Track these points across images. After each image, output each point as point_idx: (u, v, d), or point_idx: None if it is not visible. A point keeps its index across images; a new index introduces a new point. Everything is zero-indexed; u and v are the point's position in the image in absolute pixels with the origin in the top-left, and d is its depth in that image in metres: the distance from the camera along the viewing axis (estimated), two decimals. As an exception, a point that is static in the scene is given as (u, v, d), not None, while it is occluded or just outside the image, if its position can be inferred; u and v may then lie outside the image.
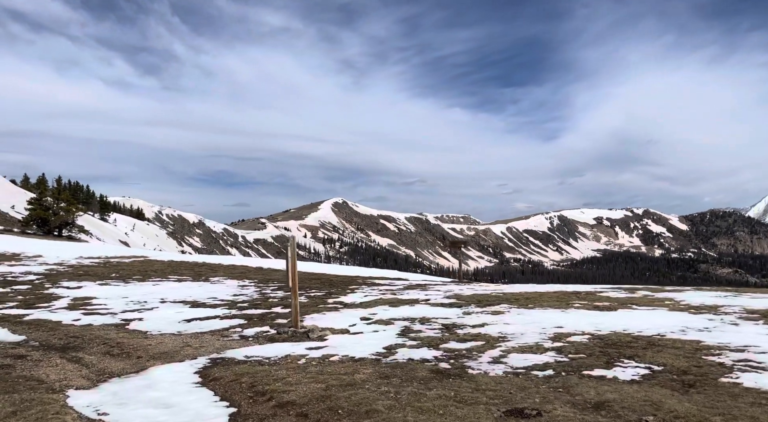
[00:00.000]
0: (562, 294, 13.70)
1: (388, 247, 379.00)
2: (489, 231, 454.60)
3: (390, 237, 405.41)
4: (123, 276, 20.50)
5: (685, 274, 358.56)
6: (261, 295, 16.27)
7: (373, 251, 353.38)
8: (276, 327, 10.60)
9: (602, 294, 13.79)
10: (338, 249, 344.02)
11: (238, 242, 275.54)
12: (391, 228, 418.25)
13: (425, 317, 10.57)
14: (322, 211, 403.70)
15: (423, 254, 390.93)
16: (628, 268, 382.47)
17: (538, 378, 5.83)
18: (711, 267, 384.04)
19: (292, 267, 9.40)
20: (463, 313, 10.85)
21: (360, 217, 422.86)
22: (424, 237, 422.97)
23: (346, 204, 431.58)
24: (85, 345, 9.38)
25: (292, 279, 9.45)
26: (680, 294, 13.56)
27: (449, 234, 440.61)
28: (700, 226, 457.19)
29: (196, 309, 13.45)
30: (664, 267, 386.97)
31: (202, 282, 19.91)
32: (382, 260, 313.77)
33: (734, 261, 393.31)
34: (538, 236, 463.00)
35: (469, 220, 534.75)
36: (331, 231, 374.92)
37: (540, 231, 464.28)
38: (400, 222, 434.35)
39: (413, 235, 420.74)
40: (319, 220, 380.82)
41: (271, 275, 23.49)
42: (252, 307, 13.60)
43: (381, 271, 31.55)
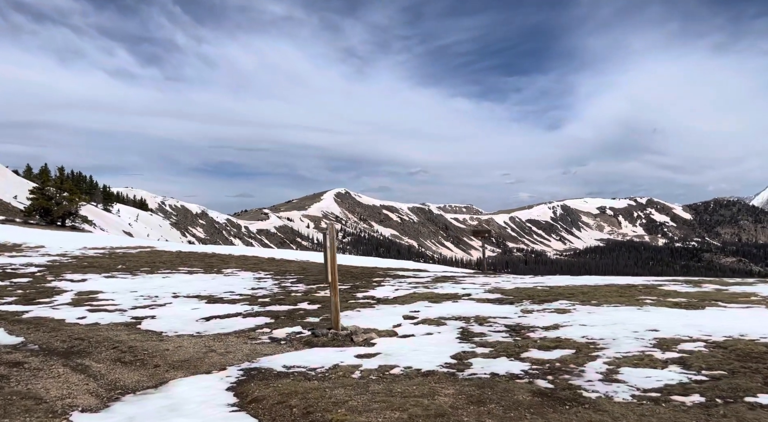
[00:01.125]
0: (619, 288, 12.33)
1: (391, 237, 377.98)
2: (492, 221, 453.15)
3: (393, 227, 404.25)
4: (130, 269, 19.18)
5: (688, 263, 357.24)
6: (282, 289, 14.94)
7: (376, 241, 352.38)
8: (309, 327, 9.26)
9: (664, 287, 12.42)
10: (341, 239, 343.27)
11: (240, 232, 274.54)
12: (393, 219, 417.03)
13: (480, 316, 9.21)
14: (325, 201, 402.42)
15: (426, 244, 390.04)
16: (631, 258, 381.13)
17: (692, 409, 4.43)
18: (715, 256, 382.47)
19: (331, 260, 8.04)
20: (522, 311, 9.49)
21: (363, 207, 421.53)
22: (426, 228, 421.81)
23: (349, 194, 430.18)
24: (92, 350, 8.06)
25: (332, 274, 8.10)
26: (752, 287, 12.21)
27: (452, 224, 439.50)
28: (703, 215, 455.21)
29: (213, 305, 12.12)
30: (668, 256, 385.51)
31: (215, 274, 18.58)
32: (385, 250, 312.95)
33: (738, 250, 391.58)
34: (541, 226, 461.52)
35: (471, 210, 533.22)
36: (334, 221, 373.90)
37: (543, 220, 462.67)
38: (402, 212, 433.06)
39: (416, 225, 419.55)
40: (321, 211, 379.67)
41: (286, 266, 22.16)
42: (275, 303, 12.26)
43: (398, 262, 30.23)
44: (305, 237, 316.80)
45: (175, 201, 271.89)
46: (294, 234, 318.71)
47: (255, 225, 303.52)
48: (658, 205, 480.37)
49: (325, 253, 8.10)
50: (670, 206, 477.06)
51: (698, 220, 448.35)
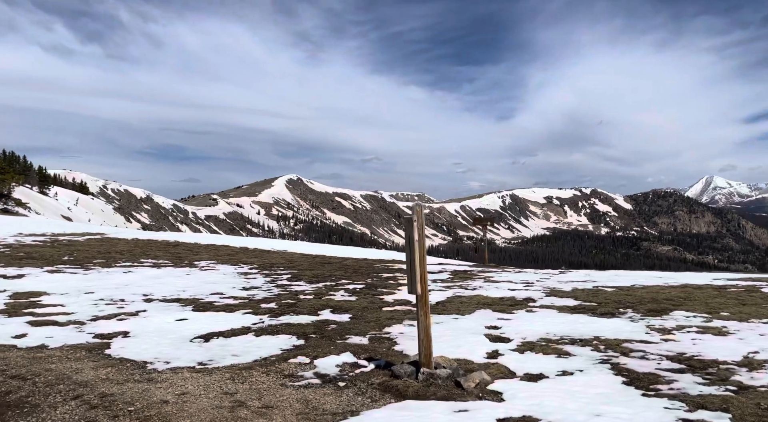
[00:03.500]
0: (714, 291, 10.15)
1: (344, 225, 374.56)
2: (443, 210, 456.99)
3: (345, 214, 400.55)
4: (80, 261, 15.63)
5: (628, 252, 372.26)
6: (282, 289, 11.99)
7: (329, 229, 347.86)
8: (363, 353, 6.48)
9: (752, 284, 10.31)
10: (293, 226, 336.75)
11: (188, 219, 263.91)
12: (346, 206, 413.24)
13: (600, 337, 6.63)
14: (276, 187, 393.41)
15: (378, 232, 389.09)
16: (576, 246, 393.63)
17: None
18: (652, 245, 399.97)
19: (420, 260, 5.24)
20: (652, 330, 6.97)
21: (315, 194, 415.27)
22: (379, 215, 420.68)
23: (301, 181, 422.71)
24: (40, 402, 5.06)
25: (422, 281, 5.31)
26: None
27: (404, 212, 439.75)
28: (643, 206, 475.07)
29: (204, 315, 9.09)
30: (610, 245, 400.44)
31: (188, 268, 15.34)
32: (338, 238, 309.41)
33: (673, 239, 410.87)
34: (491, 214, 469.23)
35: (424, 199, 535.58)
36: (286, 208, 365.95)
37: (492, 209, 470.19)
38: (355, 199, 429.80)
39: (369, 213, 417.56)
40: (273, 197, 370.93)
41: (267, 258, 19.08)
42: (287, 311, 9.36)
43: (390, 253, 27.58)
44: (256, 224, 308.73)
45: (118, 185, 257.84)
46: (244, 220, 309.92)
47: (203, 211, 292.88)
48: (602, 195, 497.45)
49: (410, 250, 5.31)
50: (613, 197, 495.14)
51: (638, 211, 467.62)
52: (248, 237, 39.45)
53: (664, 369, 5.21)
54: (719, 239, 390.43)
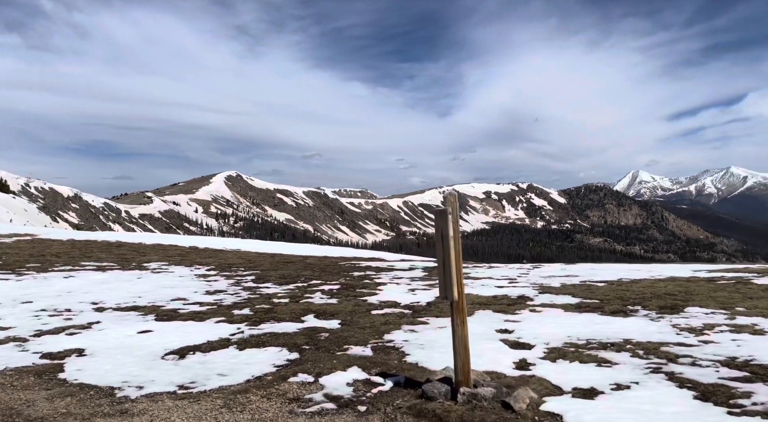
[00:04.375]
0: (709, 284, 9.96)
1: (286, 222, 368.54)
2: (386, 206, 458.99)
3: (288, 211, 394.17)
4: (10, 265, 13.84)
5: (563, 244, 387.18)
6: (250, 291, 10.92)
7: (270, 226, 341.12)
8: (374, 368, 5.66)
9: (737, 275, 10.25)
10: (232, 224, 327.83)
11: (121, 217, 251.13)
12: (288, 203, 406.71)
13: (630, 340, 6.05)
14: (215, 184, 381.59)
15: (321, 228, 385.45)
16: (513, 239, 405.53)
17: None
18: (585, 237, 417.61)
19: (456, 260, 4.45)
20: (674, 327, 6.51)
21: (255, 191, 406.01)
22: (322, 212, 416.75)
23: (241, 177, 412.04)
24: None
25: (458, 284, 4.52)
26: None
27: (347, 208, 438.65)
28: (576, 200, 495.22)
29: (171, 325, 7.96)
30: (545, 237, 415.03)
31: (138, 271, 13.90)
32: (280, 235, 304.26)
33: (604, 231, 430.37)
34: (433, 210, 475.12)
35: (366, 195, 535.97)
36: (225, 205, 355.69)
37: (434, 205, 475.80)
38: (297, 196, 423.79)
39: (311, 210, 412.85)
40: (211, 194, 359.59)
41: (222, 258, 17.78)
42: (265, 316, 8.37)
43: (349, 250, 26.64)
44: (194, 223, 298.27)
45: (42, 183, 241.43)
46: (181, 219, 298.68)
47: (137, 210, 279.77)
48: (538, 190, 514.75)
49: (443, 248, 4.52)
50: (548, 191, 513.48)
51: (571, 204, 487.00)
52: (196, 237, 37.38)
53: (728, 379, 4.66)
54: (645, 230, 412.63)
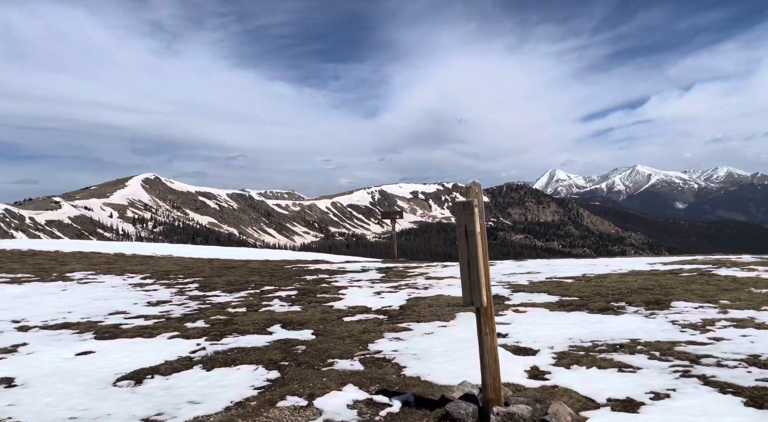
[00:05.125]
0: (675, 276, 10.03)
1: (209, 226, 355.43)
2: (314, 207, 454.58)
3: (211, 215, 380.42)
4: None
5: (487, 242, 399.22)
6: (198, 301, 9.90)
7: (192, 230, 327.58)
8: (368, 384, 5.03)
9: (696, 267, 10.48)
10: (151, 229, 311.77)
11: (24, 224, 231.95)
12: (211, 206, 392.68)
13: (637, 340, 5.70)
14: (131, 187, 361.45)
15: (247, 232, 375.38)
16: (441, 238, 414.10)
17: None
18: (507, 234, 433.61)
19: (484, 260, 3.88)
20: (673, 323, 6.27)
21: (176, 194, 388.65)
22: (247, 215, 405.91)
23: (159, 180, 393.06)
24: None
25: (486, 288, 3.96)
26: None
27: (274, 210, 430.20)
28: (498, 198, 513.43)
29: (115, 343, 6.90)
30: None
31: (61, 282, 12.35)
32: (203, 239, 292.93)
33: (525, 228, 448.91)
34: (361, 210, 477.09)
35: (294, 196, 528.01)
36: (143, 209, 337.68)
37: (363, 205, 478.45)
38: (221, 199, 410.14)
39: (236, 212, 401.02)
40: (127, 198, 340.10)
41: (155, 265, 16.34)
42: (225, 329, 7.49)
43: (290, 253, 25.58)
44: (108, 228, 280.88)
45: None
46: (94, 225, 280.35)
47: (43, 216, 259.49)
48: (462, 189, 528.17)
49: (467, 246, 3.97)
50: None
51: (494, 203, 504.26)
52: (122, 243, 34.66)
53: (766, 380, 4.38)
54: (562, 226, 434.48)
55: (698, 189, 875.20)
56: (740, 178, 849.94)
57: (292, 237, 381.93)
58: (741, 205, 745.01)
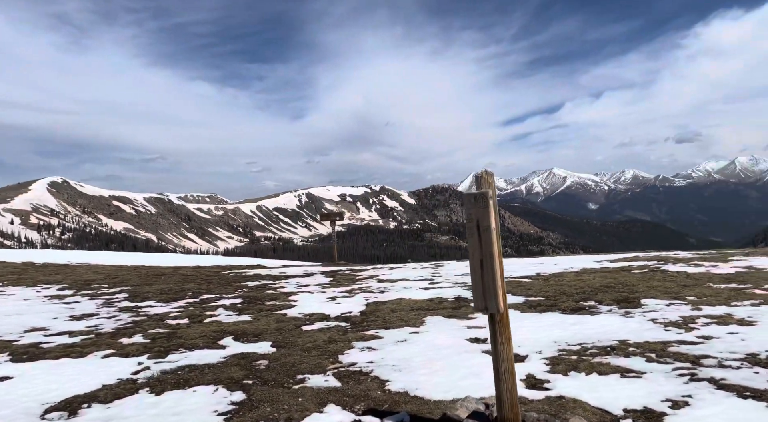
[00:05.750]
0: (628, 274, 10.07)
1: (125, 231, 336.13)
2: (238, 211, 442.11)
3: (126, 220, 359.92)
4: None
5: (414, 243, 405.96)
6: (131, 313, 8.85)
7: (106, 236, 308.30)
8: (352, 403, 4.49)
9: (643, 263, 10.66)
10: (59, 236, 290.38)
11: None
12: (127, 211, 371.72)
13: (626, 341, 5.48)
14: (35, 191, 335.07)
15: (167, 237, 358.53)
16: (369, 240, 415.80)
17: None
18: (433, 235, 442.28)
19: (499, 259, 3.41)
20: (655, 322, 6.12)
21: (87, 199, 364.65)
22: (167, 219, 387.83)
23: (68, 184, 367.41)
24: None
25: (502, 293, 3.49)
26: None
27: (195, 214, 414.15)
28: (424, 200, 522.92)
29: (37, 366, 5.88)
30: (398, 237, 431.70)
31: (-39, 297, 10.74)
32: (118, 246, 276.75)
33: (450, 229, 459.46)
34: (288, 214, 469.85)
35: (216, 200, 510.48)
36: (49, 215, 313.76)
37: (289, 208, 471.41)
38: (137, 203, 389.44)
39: (154, 217, 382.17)
40: (31, 203, 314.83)
41: (73, 274, 14.76)
42: (168, 344, 6.64)
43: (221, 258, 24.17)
44: (9, 236, 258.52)
45: None
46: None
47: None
48: (390, 192, 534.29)
49: (480, 244, 3.51)
50: (399, 193, 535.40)
51: (421, 205, 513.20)
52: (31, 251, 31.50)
53: None
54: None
55: (608, 190, 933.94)
56: (644, 180, 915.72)
57: (215, 243, 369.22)
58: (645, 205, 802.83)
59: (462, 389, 4.54)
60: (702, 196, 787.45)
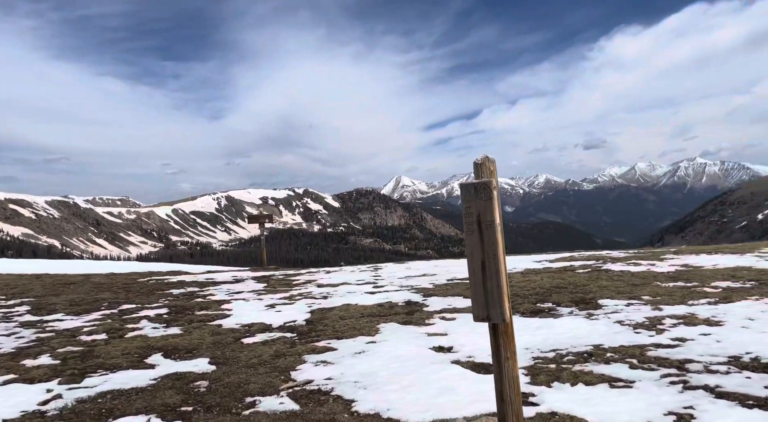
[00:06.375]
0: (574, 273, 10.00)
1: (23, 237, 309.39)
2: (152, 214, 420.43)
3: (25, 225, 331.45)
4: None
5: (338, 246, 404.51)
6: (35, 328, 7.67)
7: (2, 243, 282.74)
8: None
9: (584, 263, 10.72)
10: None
11: None
12: (26, 215, 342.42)
13: (600, 346, 5.18)
14: None
15: (72, 243, 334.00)
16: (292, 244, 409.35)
17: None
18: (358, 238, 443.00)
19: (503, 261, 2.95)
20: (623, 324, 5.91)
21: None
22: (72, 224, 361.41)
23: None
24: None
25: (507, 298, 3.03)
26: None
27: (105, 219, 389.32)
28: (348, 203, 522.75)
29: None
30: (322, 241, 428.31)
31: None
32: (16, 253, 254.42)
33: (374, 232, 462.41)
34: (206, 217, 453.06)
35: (128, 203, 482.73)
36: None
37: (208, 212, 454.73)
38: (38, 206, 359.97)
39: (58, 222, 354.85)
40: None
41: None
42: (83, 365, 5.70)
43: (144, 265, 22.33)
44: None
45: None
46: None
47: None
48: (313, 194, 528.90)
49: (481, 244, 3.03)
50: (323, 196, 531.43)
51: (344, 208, 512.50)
52: None
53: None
54: (408, 230, 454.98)
55: (523, 194, 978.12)
56: (556, 184, 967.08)
57: (127, 248, 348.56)
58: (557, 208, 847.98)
59: (440, 407, 4.05)
60: (607, 199, 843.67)
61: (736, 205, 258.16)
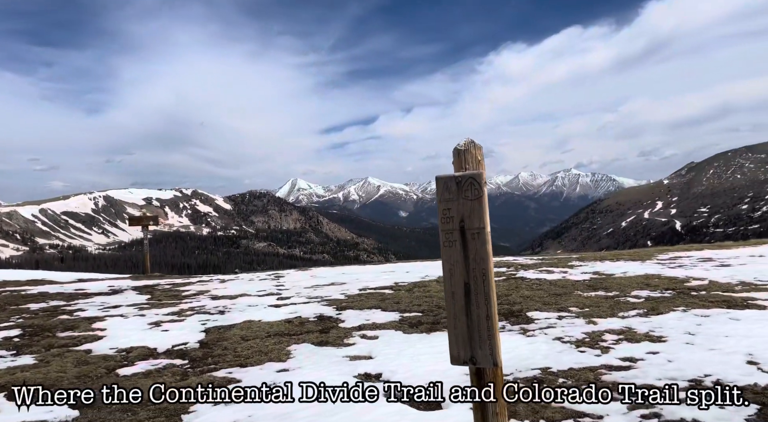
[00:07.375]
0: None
1: None
2: (16, 214, 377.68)
3: None
4: None
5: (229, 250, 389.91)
6: None
7: None
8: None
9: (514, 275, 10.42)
10: None
11: None
12: None
13: (549, 369, 4.58)
14: None
15: None
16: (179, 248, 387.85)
17: None
18: (251, 242, 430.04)
19: (492, 277, 2.24)
20: (562, 341, 5.34)
21: None
22: None
23: None
24: None
25: (496, 329, 2.28)
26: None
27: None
28: (241, 206, 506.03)
29: None
30: (212, 244, 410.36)
31: None
32: None
33: (268, 235, 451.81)
34: (81, 218, 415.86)
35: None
36: None
37: (83, 213, 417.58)
38: None
39: None
40: None
41: None
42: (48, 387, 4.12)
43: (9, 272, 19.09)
44: None
45: None
46: None
47: None
48: (203, 196, 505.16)
49: (468, 254, 2.27)
50: (213, 197, 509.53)
51: (237, 210, 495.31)
52: None
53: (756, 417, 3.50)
54: (303, 234, 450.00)
55: (417, 199, 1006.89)
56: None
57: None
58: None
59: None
60: (493, 205, 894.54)
61: (604, 213, 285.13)
